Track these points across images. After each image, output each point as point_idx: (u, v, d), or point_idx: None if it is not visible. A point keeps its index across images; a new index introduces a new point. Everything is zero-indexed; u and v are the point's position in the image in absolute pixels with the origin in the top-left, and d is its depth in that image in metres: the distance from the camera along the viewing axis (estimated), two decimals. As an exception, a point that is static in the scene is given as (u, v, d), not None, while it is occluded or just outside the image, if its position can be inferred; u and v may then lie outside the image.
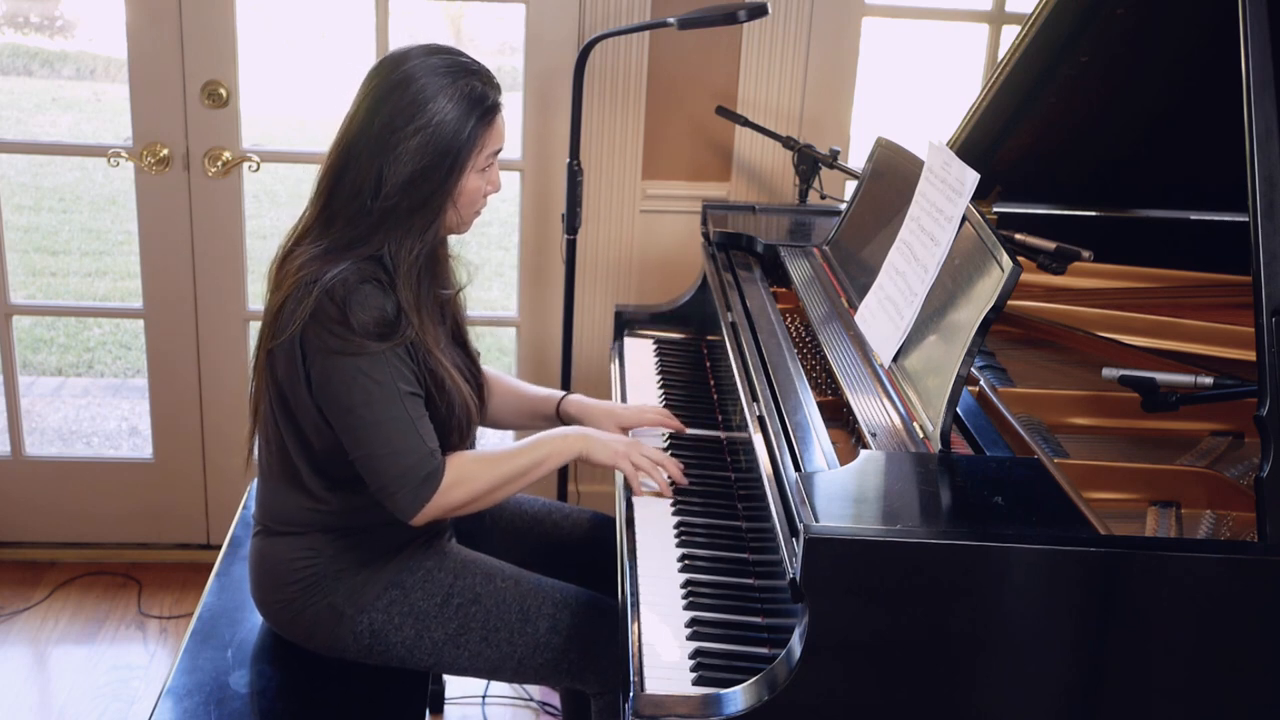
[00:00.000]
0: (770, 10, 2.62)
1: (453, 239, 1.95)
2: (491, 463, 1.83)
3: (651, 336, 2.56)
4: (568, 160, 2.72)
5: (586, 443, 1.88)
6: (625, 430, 2.04)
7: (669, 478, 1.88)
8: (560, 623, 1.86)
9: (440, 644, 1.85)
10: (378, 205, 1.71)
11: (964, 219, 1.67)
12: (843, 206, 2.42)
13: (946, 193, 1.74)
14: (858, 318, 1.91)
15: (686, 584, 1.67)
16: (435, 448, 1.75)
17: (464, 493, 1.78)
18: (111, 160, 2.87)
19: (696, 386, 2.32)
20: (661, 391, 2.29)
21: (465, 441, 1.89)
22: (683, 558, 1.73)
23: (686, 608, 1.62)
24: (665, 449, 2.03)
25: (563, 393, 2.13)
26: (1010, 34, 2.84)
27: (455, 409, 1.81)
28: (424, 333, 1.76)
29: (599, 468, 1.96)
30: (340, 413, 1.72)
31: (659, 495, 1.87)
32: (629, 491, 1.88)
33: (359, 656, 1.86)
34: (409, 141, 1.70)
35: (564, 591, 1.90)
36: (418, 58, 1.74)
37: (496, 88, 1.78)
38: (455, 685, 2.68)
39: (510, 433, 3.33)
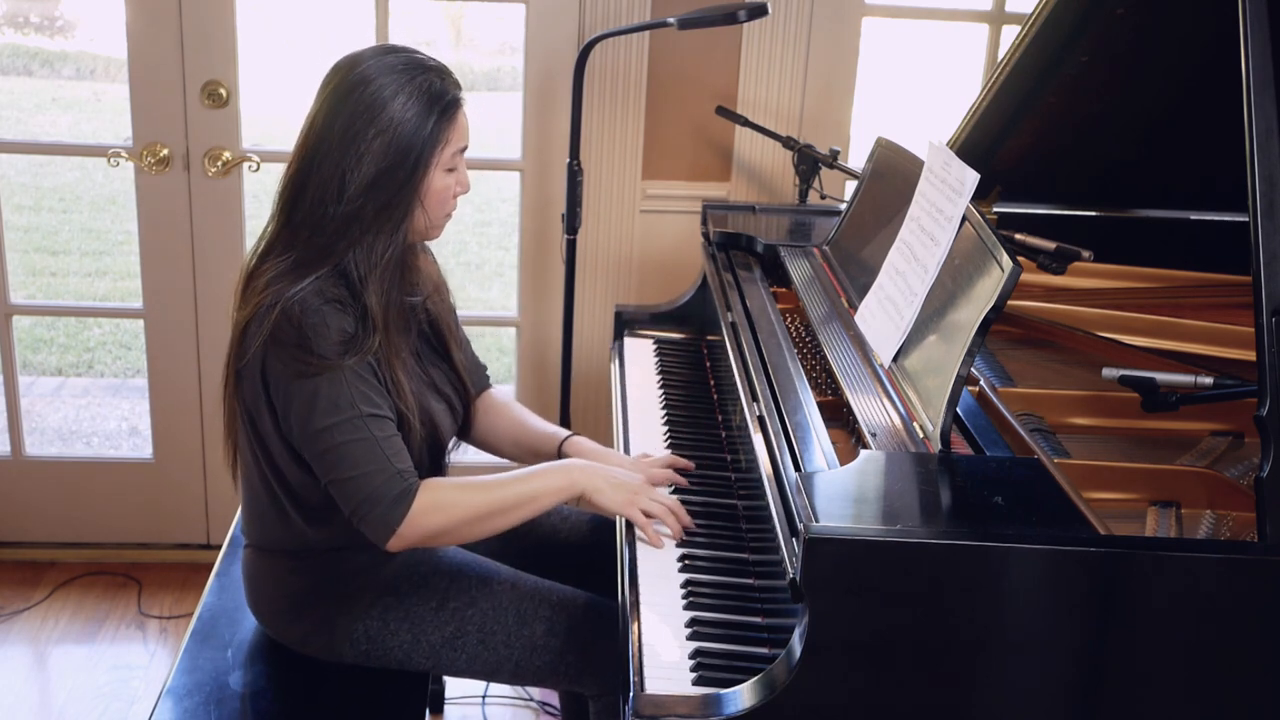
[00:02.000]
0: (770, 10, 2.62)
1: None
2: (474, 490, 1.74)
3: (651, 336, 2.56)
4: (568, 160, 2.72)
5: (590, 481, 1.77)
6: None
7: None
8: (557, 625, 1.85)
9: (437, 647, 1.84)
10: (340, 210, 1.67)
11: (964, 219, 1.67)
12: (843, 206, 2.42)
13: (946, 193, 1.74)
14: (858, 318, 1.91)
15: (686, 584, 1.67)
16: (405, 469, 1.69)
17: (441, 519, 1.70)
18: (111, 160, 2.87)
19: (696, 386, 2.32)
20: (661, 391, 2.29)
21: (437, 461, 1.86)
22: (682, 558, 1.73)
23: (686, 608, 1.61)
24: (666, 441, 2.03)
25: (566, 432, 2.01)
26: (1010, 34, 2.84)
27: (414, 427, 1.75)
28: (386, 343, 1.71)
29: (605, 512, 1.82)
30: (306, 440, 1.69)
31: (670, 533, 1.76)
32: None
33: (357, 661, 1.86)
34: (370, 144, 1.66)
35: (561, 594, 1.89)
36: (372, 58, 1.71)
37: (456, 84, 1.75)
38: (455, 685, 2.68)
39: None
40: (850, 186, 2.78)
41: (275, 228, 1.75)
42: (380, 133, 1.67)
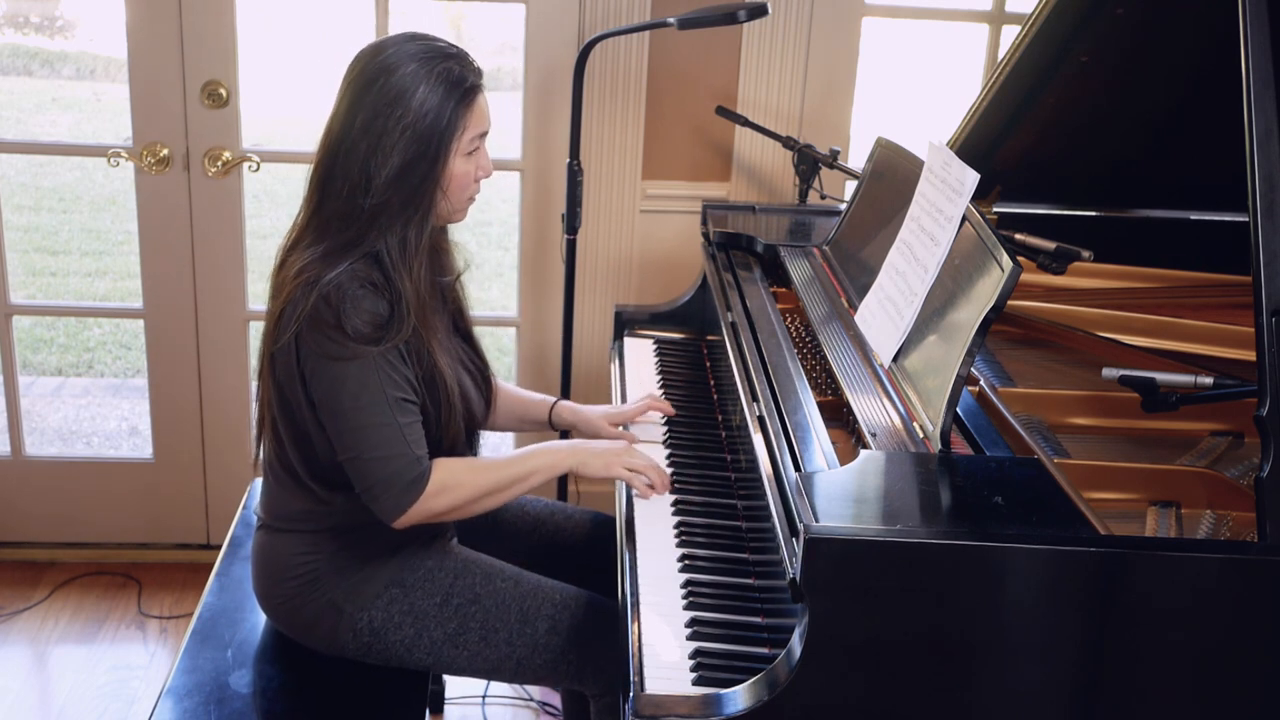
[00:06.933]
0: (770, 10, 2.62)
1: (451, 232, 1.94)
2: (478, 471, 1.82)
3: (651, 336, 2.56)
4: (568, 160, 2.72)
5: (577, 458, 1.87)
6: (623, 427, 2.09)
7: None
8: (559, 624, 1.86)
9: (439, 643, 1.85)
10: (369, 202, 1.71)
11: (964, 219, 1.67)
12: (843, 206, 2.42)
13: (946, 193, 1.74)
14: (858, 318, 1.91)
15: (686, 584, 1.67)
16: (421, 454, 1.75)
17: (448, 500, 1.77)
18: (111, 160, 2.87)
19: (696, 386, 2.32)
20: (661, 391, 2.29)
21: (471, 439, 1.91)
22: (683, 558, 1.73)
23: (686, 608, 1.62)
24: (665, 441, 2.03)
25: (554, 399, 2.14)
26: (1010, 34, 2.84)
27: (454, 405, 1.81)
28: (423, 325, 1.76)
29: (596, 482, 1.95)
30: (330, 416, 1.73)
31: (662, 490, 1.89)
32: (629, 492, 1.88)
33: (358, 654, 1.86)
34: (392, 135, 1.69)
35: (564, 592, 1.90)
36: (394, 46, 1.74)
37: (475, 70, 1.77)
38: (455, 685, 2.68)
39: (510, 440, 3.33)
40: (850, 186, 2.78)
41: (304, 217, 1.79)
42: (401, 124, 1.70)
